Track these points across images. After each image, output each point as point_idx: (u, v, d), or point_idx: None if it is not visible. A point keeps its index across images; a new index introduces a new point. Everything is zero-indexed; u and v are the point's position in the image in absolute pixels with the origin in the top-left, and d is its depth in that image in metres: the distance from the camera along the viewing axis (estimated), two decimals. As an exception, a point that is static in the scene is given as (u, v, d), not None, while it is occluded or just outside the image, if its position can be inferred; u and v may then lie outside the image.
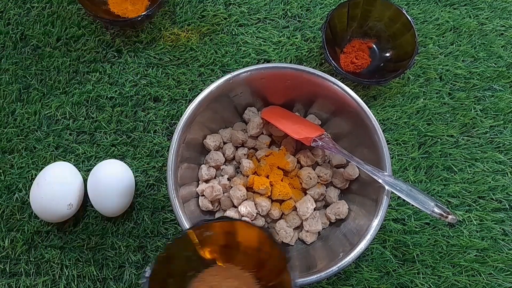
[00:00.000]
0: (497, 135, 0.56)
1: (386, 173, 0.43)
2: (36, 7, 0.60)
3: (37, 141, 0.54)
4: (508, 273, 0.51)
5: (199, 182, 0.50)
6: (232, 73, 0.47)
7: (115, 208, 0.49)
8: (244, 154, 0.51)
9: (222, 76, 0.47)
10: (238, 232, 0.37)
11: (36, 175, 0.51)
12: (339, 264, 0.41)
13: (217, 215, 0.49)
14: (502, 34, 0.61)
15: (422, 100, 0.57)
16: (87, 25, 0.59)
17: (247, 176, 0.49)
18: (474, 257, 0.51)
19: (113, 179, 0.49)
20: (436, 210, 0.40)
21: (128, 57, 0.58)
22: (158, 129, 0.55)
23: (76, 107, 0.56)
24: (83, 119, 0.56)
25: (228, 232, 0.37)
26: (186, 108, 0.46)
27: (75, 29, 0.59)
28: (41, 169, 0.51)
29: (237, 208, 0.47)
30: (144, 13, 0.56)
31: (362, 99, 0.46)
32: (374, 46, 0.59)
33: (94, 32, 0.59)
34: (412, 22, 0.55)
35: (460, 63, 0.59)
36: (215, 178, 0.50)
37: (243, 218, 0.47)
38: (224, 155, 0.51)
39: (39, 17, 0.59)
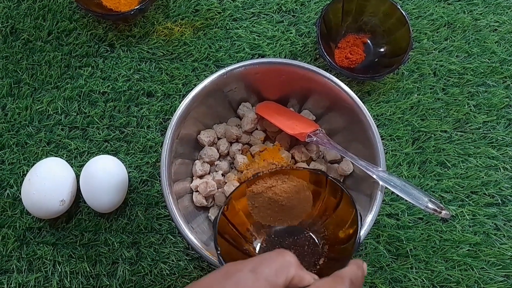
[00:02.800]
0: (490, 130, 0.57)
1: (380, 169, 0.43)
2: (26, 0, 0.59)
3: (28, 136, 0.54)
4: (499, 267, 0.51)
5: (193, 177, 0.50)
6: (226, 68, 0.47)
7: (108, 204, 0.49)
8: (239, 150, 0.50)
9: (216, 71, 0.47)
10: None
11: (27, 171, 0.50)
12: (333, 260, 0.41)
13: (211, 211, 0.49)
14: (495, 29, 0.61)
15: (416, 95, 0.57)
16: (79, 19, 0.59)
17: (242, 172, 0.49)
18: (467, 251, 0.51)
19: (106, 175, 0.49)
20: (430, 205, 0.41)
21: (120, 51, 0.57)
22: (152, 124, 0.55)
23: (68, 102, 0.55)
24: (75, 114, 0.55)
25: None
26: (180, 103, 0.46)
27: (66, 22, 0.58)
28: (33, 165, 0.50)
29: (231, 203, 0.47)
30: (137, 7, 0.55)
31: (356, 94, 0.46)
32: (368, 41, 0.59)
33: (86, 26, 0.58)
34: (406, 17, 0.55)
35: (454, 59, 0.59)
36: (209, 173, 0.50)
37: None
38: (218, 150, 0.50)
39: (30, 10, 0.58)
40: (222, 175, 0.49)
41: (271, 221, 0.41)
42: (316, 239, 0.39)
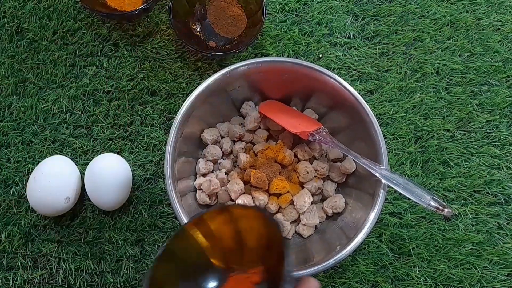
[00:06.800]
0: (493, 129, 0.57)
1: (383, 167, 0.44)
2: (32, 0, 0.60)
3: (33, 135, 0.54)
4: (502, 266, 0.51)
5: (197, 176, 0.50)
6: (229, 67, 0.47)
7: (113, 202, 0.49)
8: (242, 148, 0.51)
9: (220, 70, 0.47)
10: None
11: (32, 169, 0.51)
12: (335, 257, 0.41)
13: (215, 208, 0.49)
14: (498, 29, 0.61)
15: (418, 94, 0.58)
16: (83, 19, 0.59)
17: (245, 170, 0.49)
18: (470, 250, 0.52)
19: (110, 173, 0.49)
20: (433, 203, 0.41)
21: (125, 50, 0.58)
22: (156, 123, 0.55)
23: (72, 101, 0.56)
24: (79, 113, 0.55)
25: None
26: (184, 102, 0.46)
27: (71, 22, 0.58)
28: (38, 163, 0.50)
29: (235, 202, 0.48)
30: (141, 6, 0.55)
31: (359, 93, 0.46)
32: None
33: (90, 26, 0.59)
34: None
35: (457, 58, 0.59)
36: (212, 172, 0.51)
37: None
38: (221, 149, 0.51)
39: (35, 10, 0.59)
40: (225, 173, 0.50)
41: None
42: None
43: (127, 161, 0.52)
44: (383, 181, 0.43)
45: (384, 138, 0.45)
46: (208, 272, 0.34)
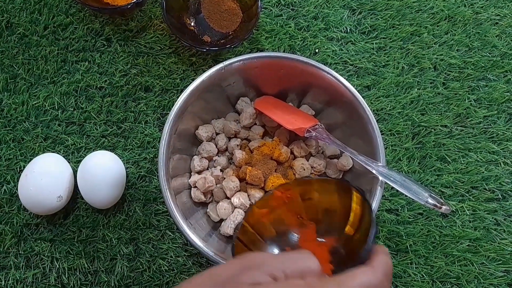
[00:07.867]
0: (490, 125, 0.56)
1: (380, 164, 0.43)
2: (22, -6, 0.58)
3: (25, 132, 0.53)
4: (499, 262, 0.51)
5: (191, 173, 0.49)
6: (224, 62, 0.46)
7: (106, 200, 0.48)
8: (237, 145, 0.50)
9: (214, 65, 0.46)
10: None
11: (24, 166, 0.50)
12: (332, 255, 0.41)
13: (210, 206, 0.49)
14: (497, 23, 0.61)
15: (416, 90, 0.57)
16: (75, 13, 0.58)
17: (240, 167, 0.48)
18: (467, 247, 0.51)
19: (103, 171, 0.48)
20: (430, 200, 0.40)
21: (117, 45, 0.57)
22: (149, 119, 0.54)
23: (64, 97, 0.55)
24: (72, 109, 0.54)
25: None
26: (178, 98, 0.45)
27: (62, 17, 0.57)
28: (30, 161, 0.50)
29: (230, 199, 0.47)
30: (134, 0, 0.54)
31: (356, 89, 0.46)
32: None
33: (82, 20, 0.58)
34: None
35: (455, 53, 0.59)
36: (207, 169, 0.50)
37: (236, 210, 0.46)
38: (216, 146, 0.50)
39: (25, 5, 0.58)
40: (221, 170, 0.49)
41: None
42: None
43: (120, 158, 0.51)
44: (380, 178, 0.42)
45: (381, 134, 0.45)
46: (286, 236, 0.39)
